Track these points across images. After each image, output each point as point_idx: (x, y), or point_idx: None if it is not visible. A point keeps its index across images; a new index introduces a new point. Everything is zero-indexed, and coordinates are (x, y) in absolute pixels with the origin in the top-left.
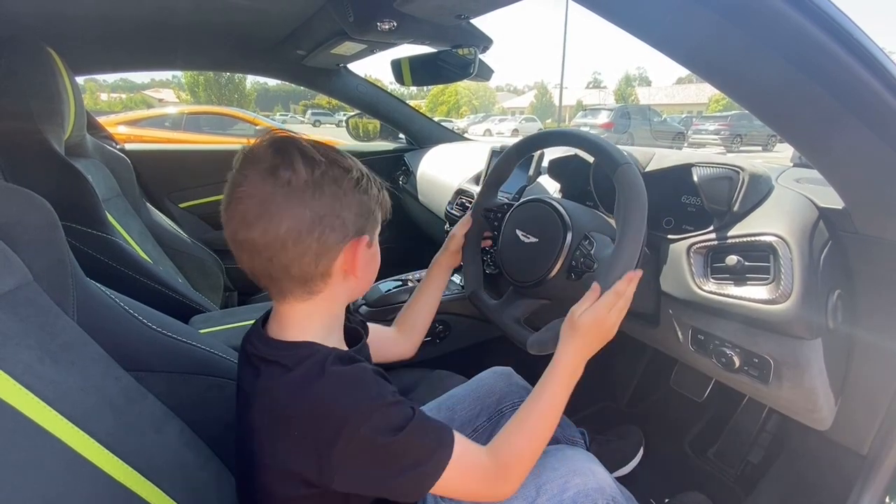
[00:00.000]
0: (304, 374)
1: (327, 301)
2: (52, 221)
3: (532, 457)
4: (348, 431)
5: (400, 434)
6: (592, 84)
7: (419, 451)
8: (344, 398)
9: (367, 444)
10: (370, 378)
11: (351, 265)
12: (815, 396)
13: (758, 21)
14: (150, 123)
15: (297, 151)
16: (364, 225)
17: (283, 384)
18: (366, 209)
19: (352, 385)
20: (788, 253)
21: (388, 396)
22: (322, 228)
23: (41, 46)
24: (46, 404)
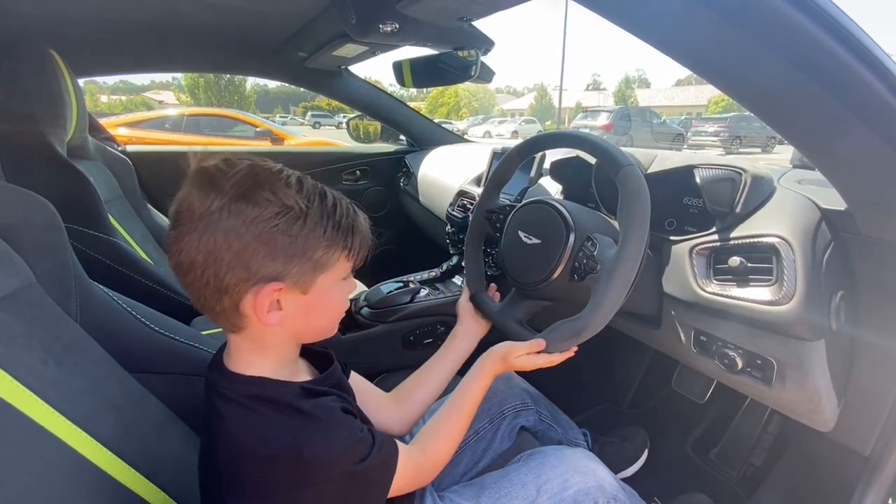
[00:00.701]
0: (268, 417)
1: (261, 341)
2: (55, 223)
3: (450, 452)
4: (316, 476)
5: (362, 465)
6: (592, 86)
7: (375, 474)
8: (309, 444)
9: (334, 484)
10: (334, 418)
11: (261, 310)
12: (818, 398)
13: (759, 21)
14: (151, 125)
15: (201, 177)
16: (281, 271)
17: (246, 426)
18: (285, 252)
19: (316, 429)
20: (791, 254)
21: (354, 434)
22: (217, 266)
23: (44, 49)
24: (49, 406)
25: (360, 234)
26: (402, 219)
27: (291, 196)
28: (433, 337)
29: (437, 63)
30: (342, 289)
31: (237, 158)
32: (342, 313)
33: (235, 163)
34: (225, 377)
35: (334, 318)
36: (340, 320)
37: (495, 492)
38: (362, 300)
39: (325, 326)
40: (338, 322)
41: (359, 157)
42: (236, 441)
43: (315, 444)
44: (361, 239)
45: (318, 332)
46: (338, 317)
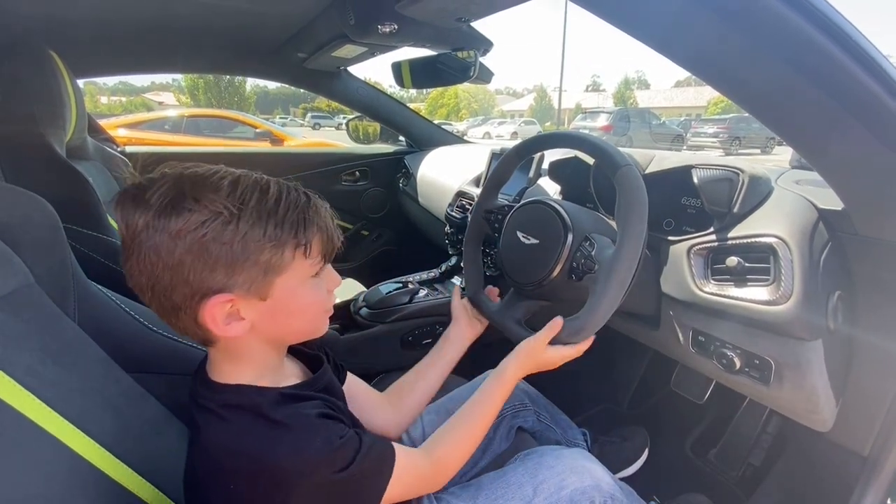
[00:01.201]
0: (238, 426)
1: (235, 351)
2: (53, 223)
3: (464, 457)
4: (295, 485)
5: (344, 473)
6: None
7: (363, 481)
8: (286, 453)
9: (313, 492)
10: (312, 425)
11: (215, 323)
12: (816, 398)
13: (757, 24)
14: (150, 126)
15: (125, 197)
16: (225, 282)
17: (217, 436)
18: (223, 261)
19: (293, 437)
20: (788, 254)
21: (333, 441)
22: (161, 286)
23: (44, 50)
24: (47, 405)
25: (316, 224)
26: (401, 219)
27: (219, 200)
28: (432, 337)
29: (435, 64)
30: (314, 287)
31: (175, 167)
32: (323, 312)
33: (165, 174)
34: (204, 385)
35: (312, 319)
36: (330, 317)
37: (492, 492)
38: (361, 300)
39: (304, 329)
40: (320, 321)
41: (358, 157)
42: (209, 452)
43: (286, 454)
44: (320, 230)
45: (299, 335)
46: (316, 317)
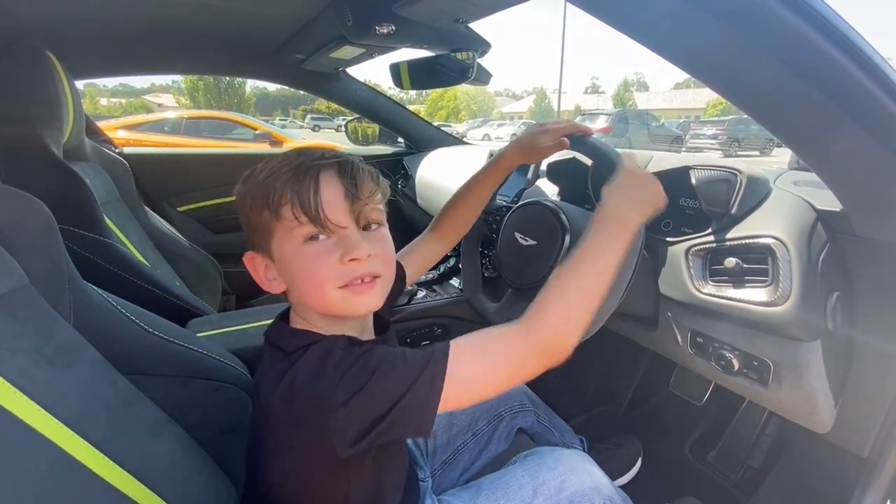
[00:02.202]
0: (293, 362)
1: (295, 308)
2: (49, 224)
3: (575, 315)
4: (325, 411)
5: (369, 383)
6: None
7: (399, 383)
8: (315, 382)
9: (346, 411)
10: (336, 349)
11: (255, 275)
12: (815, 399)
13: (755, 25)
14: (150, 128)
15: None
16: (251, 241)
17: (276, 369)
18: (245, 224)
19: (321, 365)
20: (787, 255)
21: (354, 356)
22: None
23: (41, 51)
24: (41, 407)
25: (290, 187)
26: (400, 221)
27: (248, 174)
28: (431, 339)
29: (434, 65)
30: (306, 255)
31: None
32: (324, 282)
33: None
34: (278, 329)
35: (314, 291)
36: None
37: (492, 493)
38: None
39: (311, 298)
40: (325, 292)
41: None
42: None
43: (316, 377)
44: (293, 192)
45: (319, 306)
46: (318, 286)
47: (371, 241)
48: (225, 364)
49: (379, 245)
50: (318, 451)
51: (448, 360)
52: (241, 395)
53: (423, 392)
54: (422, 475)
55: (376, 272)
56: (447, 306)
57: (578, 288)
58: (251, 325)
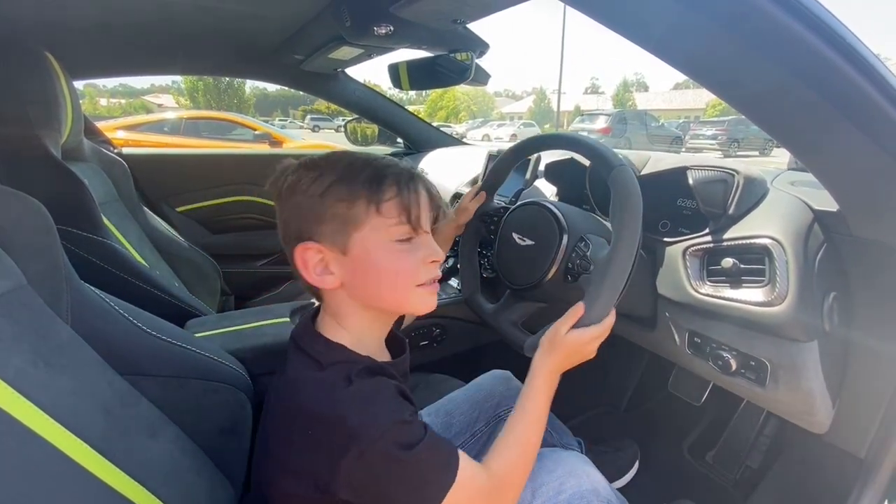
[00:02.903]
0: (329, 378)
1: (336, 309)
2: (46, 225)
3: (525, 468)
4: (357, 447)
5: (408, 453)
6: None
7: (425, 471)
8: (357, 413)
9: (375, 461)
10: (388, 395)
11: (308, 270)
12: (812, 399)
13: (753, 27)
14: (149, 128)
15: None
16: (313, 230)
17: (308, 380)
18: (312, 211)
19: (367, 401)
20: (783, 255)
21: (403, 415)
22: (283, 231)
23: (39, 51)
24: (38, 408)
25: (395, 185)
26: None
27: (314, 161)
28: (430, 339)
29: (433, 65)
30: (399, 253)
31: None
32: (409, 283)
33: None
34: (307, 332)
35: (396, 288)
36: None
37: None
38: None
39: (389, 297)
40: (408, 293)
41: None
42: (295, 387)
43: (357, 415)
44: (398, 192)
45: (387, 303)
46: (400, 286)
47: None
48: (223, 365)
49: None
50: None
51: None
52: (239, 396)
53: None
54: None
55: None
56: (446, 307)
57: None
58: (249, 325)
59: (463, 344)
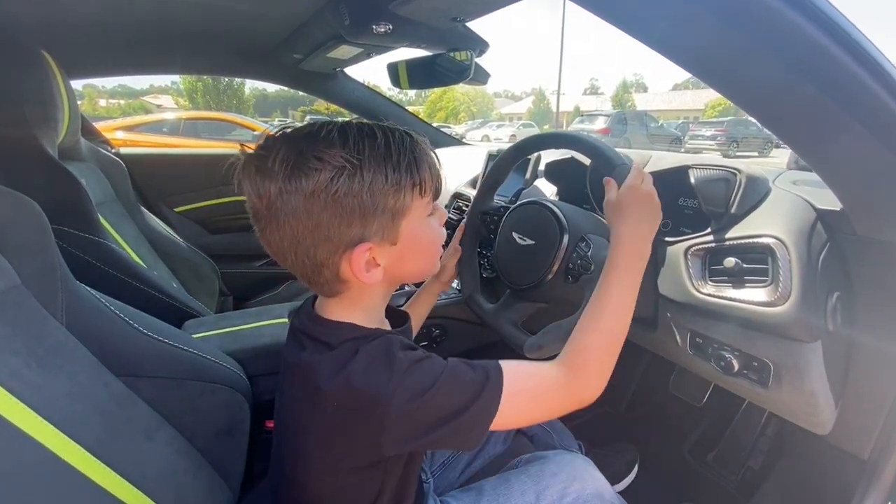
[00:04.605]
0: (340, 355)
1: (358, 297)
2: (41, 224)
3: (609, 351)
4: (381, 410)
5: (429, 394)
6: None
7: (460, 397)
8: (373, 379)
9: (403, 416)
10: (395, 349)
11: (360, 272)
12: (815, 400)
13: (756, 22)
14: (148, 129)
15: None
16: (363, 232)
17: (322, 362)
18: (357, 213)
19: (375, 363)
20: (786, 255)
21: (412, 359)
22: (304, 247)
23: (36, 50)
24: (32, 410)
25: (425, 163)
26: None
27: (338, 154)
28: (428, 340)
29: (432, 64)
30: (430, 226)
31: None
32: (439, 248)
33: (273, 138)
34: (313, 320)
35: (431, 256)
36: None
37: (494, 498)
38: None
39: (423, 267)
40: (436, 257)
41: None
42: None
43: (371, 379)
44: (429, 168)
45: (418, 274)
46: (434, 254)
47: None
48: (220, 365)
49: None
50: (364, 448)
51: (503, 389)
52: (236, 397)
53: (479, 413)
54: (424, 476)
55: None
56: (445, 307)
57: (611, 333)
58: (247, 325)
59: (463, 344)
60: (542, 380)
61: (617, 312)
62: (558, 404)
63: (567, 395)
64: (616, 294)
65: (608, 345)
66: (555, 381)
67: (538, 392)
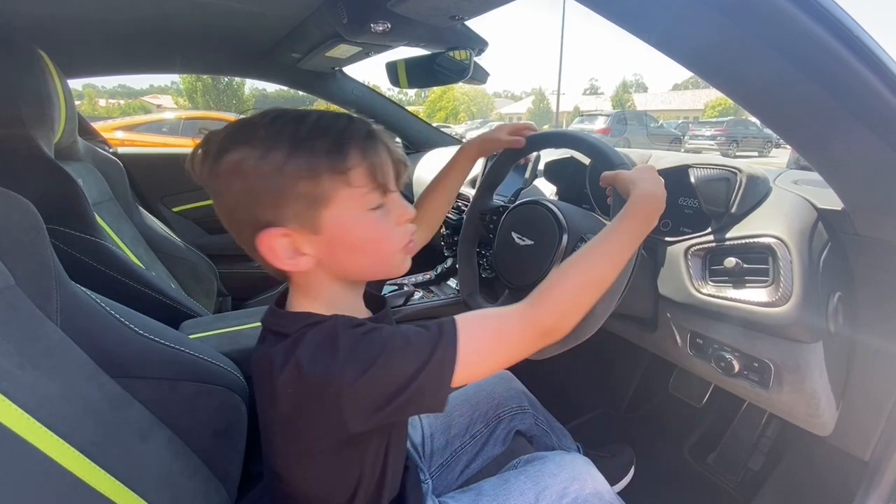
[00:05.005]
0: (292, 342)
1: (306, 286)
2: (35, 224)
3: (581, 293)
4: (334, 390)
5: (380, 360)
6: (589, 90)
7: (414, 359)
8: (320, 361)
9: (357, 389)
10: (340, 329)
11: (277, 258)
12: (817, 401)
13: (758, 20)
14: (148, 129)
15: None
16: (275, 215)
17: (276, 352)
18: (269, 195)
19: (325, 345)
20: (788, 255)
21: (358, 334)
22: (231, 223)
23: (32, 49)
24: (23, 411)
25: (356, 150)
26: None
27: (257, 137)
28: None
29: (431, 63)
30: (375, 220)
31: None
32: (391, 248)
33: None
34: (273, 314)
35: (379, 255)
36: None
37: (493, 498)
38: None
39: (372, 266)
40: (391, 258)
41: None
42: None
43: (317, 360)
44: (363, 156)
45: (369, 272)
46: (383, 253)
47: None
48: (217, 366)
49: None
50: (329, 431)
51: (458, 343)
52: (233, 398)
53: (436, 371)
54: (422, 476)
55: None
56: (444, 307)
57: (589, 275)
58: (245, 326)
59: None
60: (499, 319)
61: (603, 261)
62: (519, 339)
63: (526, 325)
64: (612, 243)
65: (582, 287)
66: (513, 314)
67: (498, 331)
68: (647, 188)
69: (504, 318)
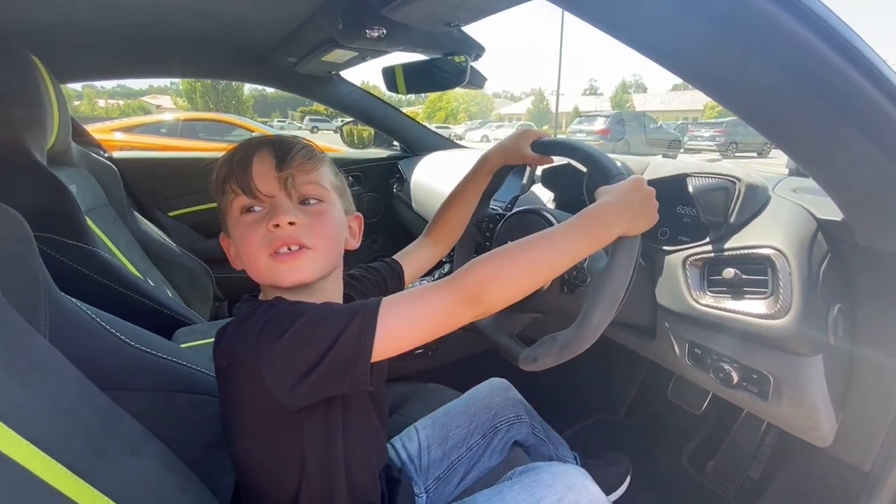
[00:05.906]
0: (244, 317)
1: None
2: (23, 235)
3: (504, 273)
4: (252, 361)
5: (290, 331)
6: (589, 91)
7: (329, 332)
8: (242, 335)
9: (271, 359)
10: (263, 307)
11: (230, 258)
12: (816, 414)
13: (752, 28)
14: (147, 130)
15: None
16: (223, 222)
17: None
18: (218, 210)
19: (247, 320)
20: (787, 266)
21: (276, 311)
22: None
23: (24, 54)
24: (10, 428)
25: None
26: (395, 225)
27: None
28: (424, 347)
29: (429, 68)
30: (242, 225)
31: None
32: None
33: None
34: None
35: (246, 255)
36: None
37: None
38: None
39: (248, 266)
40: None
41: (352, 162)
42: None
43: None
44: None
45: (250, 272)
46: (251, 256)
47: (305, 213)
48: (210, 377)
49: (313, 218)
50: (260, 405)
51: (379, 310)
52: None
53: (353, 339)
54: (417, 490)
55: (303, 242)
56: None
57: (523, 256)
58: None
59: (457, 352)
60: (423, 289)
61: (539, 246)
62: (442, 307)
63: (446, 293)
64: (554, 235)
65: (508, 259)
66: (437, 284)
67: (419, 298)
68: (614, 198)
69: (428, 288)
